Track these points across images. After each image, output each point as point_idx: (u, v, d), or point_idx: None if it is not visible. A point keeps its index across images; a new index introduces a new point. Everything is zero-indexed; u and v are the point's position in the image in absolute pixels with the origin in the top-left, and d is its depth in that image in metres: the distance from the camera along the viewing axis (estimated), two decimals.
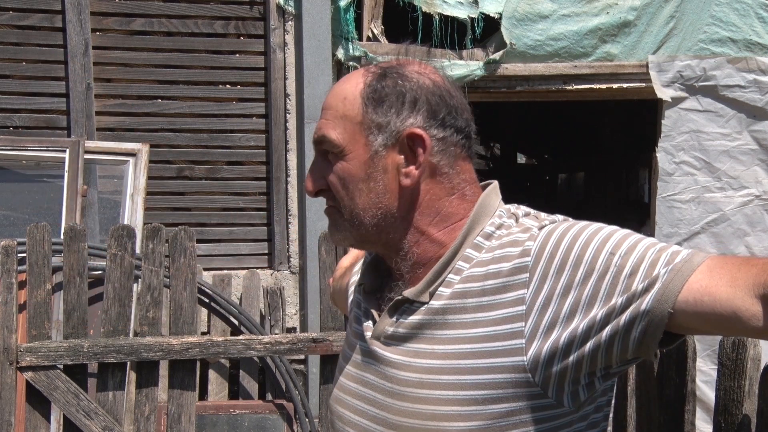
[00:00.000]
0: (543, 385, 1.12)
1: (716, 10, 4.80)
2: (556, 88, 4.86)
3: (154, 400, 3.28)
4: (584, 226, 1.16)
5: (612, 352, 1.10)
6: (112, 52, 4.50)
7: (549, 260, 1.13)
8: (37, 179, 4.41)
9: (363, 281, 1.36)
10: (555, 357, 1.11)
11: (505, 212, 1.27)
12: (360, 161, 1.23)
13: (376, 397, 1.24)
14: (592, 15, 4.76)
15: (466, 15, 4.65)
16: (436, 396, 1.16)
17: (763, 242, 4.79)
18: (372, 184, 1.23)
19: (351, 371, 1.32)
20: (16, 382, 3.19)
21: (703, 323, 1.05)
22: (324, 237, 3.51)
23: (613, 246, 1.11)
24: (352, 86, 1.25)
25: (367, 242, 1.28)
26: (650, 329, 1.06)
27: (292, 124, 4.60)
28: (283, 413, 3.92)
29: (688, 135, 4.80)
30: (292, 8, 4.53)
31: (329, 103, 1.26)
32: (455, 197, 1.26)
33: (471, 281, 1.19)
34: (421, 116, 1.22)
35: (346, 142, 1.23)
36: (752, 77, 4.76)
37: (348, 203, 1.25)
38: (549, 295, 1.12)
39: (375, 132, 1.22)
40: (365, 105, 1.23)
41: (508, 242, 1.20)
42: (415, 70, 1.26)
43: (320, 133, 1.26)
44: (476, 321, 1.17)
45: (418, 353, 1.21)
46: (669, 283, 1.05)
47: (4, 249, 3.20)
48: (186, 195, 4.63)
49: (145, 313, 3.27)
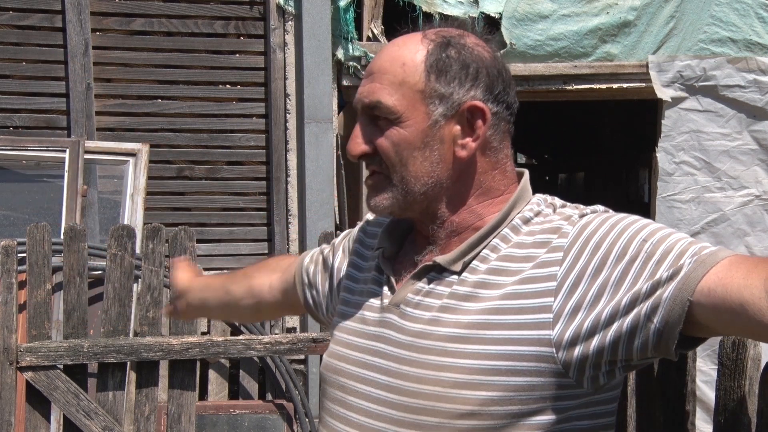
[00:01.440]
0: (565, 364, 1.13)
1: (716, 10, 4.80)
2: (556, 88, 4.86)
3: (154, 400, 3.28)
4: (623, 216, 1.17)
5: (633, 344, 1.10)
6: (112, 52, 4.50)
7: (584, 243, 1.15)
8: (37, 179, 4.41)
9: (382, 245, 1.36)
10: (578, 338, 1.12)
11: (543, 201, 1.29)
12: (417, 129, 1.22)
13: (390, 365, 1.23)
14: (592, 15, 4.76)
15: (466, 14, 4.65)
16: (459, 364, 1.16)
17: (763, 242, 4.79)
18: (428, 153, 1.23)
19: (355, 341, 1.31)
20: (16, 382, 3.19)
21: (717, 318, 1.04)
22: (324, 237, 3.51)
23: (647, 234, 1.12)
24: (411, 52, 1.23)
25: (410, 210, 1.28)
26: (671, 319, 1.06)
27: (292, 124, 4.60)
28: (283, 413, 3.92)
29: (688, 135, 4.80)
30: (292, 8, 4.53)
31: (384, 67, 1.24)
32: (497, 172, 1.28)
33: (509, 260, 1.20)
34: (481, 89, 1.23)
35: (404, 109, 1.22)
36: (752, 77, 4.76)
37: (400, 170, 1.23)
38: (580, 275, 1.13)
39: (436, 102, 1.22)
40: (428, 73, 1.22)
41: (550, 229, 1.21)
42: (473, 42, 1.26)
43: (374, 98, 1.23)
44: (507, 294, 1.17)
45: (440, 321, 1.20)
46: (691, 273, 1.05)
47: (4, 249, 3.20)
48: (186, 195, 4.63)
49: (145, 313, 3.27)
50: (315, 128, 4.49)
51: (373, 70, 1.25)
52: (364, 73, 1.28)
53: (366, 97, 1.24)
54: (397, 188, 1.24)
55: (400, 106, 1.22)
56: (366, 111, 1.25)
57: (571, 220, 1.21)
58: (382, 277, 1.34)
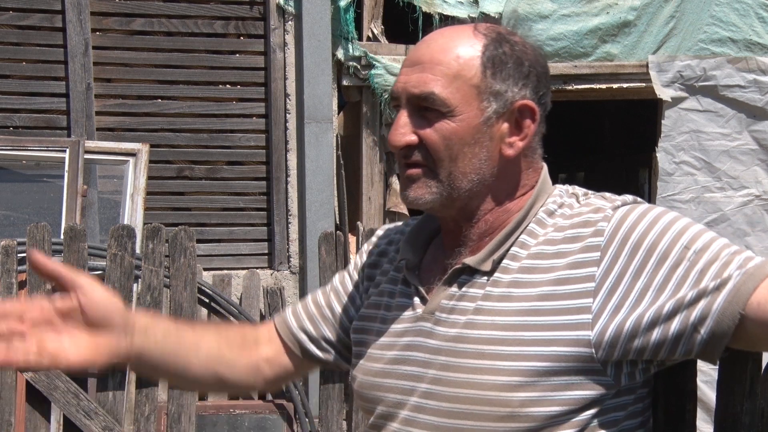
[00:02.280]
0: (603, 362, 1.13)
1: (716, 10, 4.80)
2: (556, 88, 4.86)
3: (154, 400, 3.28)
4: (661, 213, 1.16)
5: (677, 348, 1.10)
6: (112, 52, 4.49)
7: (622, 242, 1.14)
8: (37, 179, 4.41)
9: (405, 256, 1.32)
10: (618, 339, 1.11)
11: (564, 192, 1.27)
12: (469, 125, 1.19)
13: (428, 372, 1.21)
14: (592, 15, 4.76)
15: (466, 15, 4.65)
16: (497, 367, 1.15)
17: (763, 242, 4.79)
18: (477, 150, 1.20)
19: (387, 355, 1.28)
20: (16, 382, 3.19)
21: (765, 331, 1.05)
22: (324, 237, 3.51)
23: (689, 240, 1.11)
24: (466, 45, 1.19)
25: (450, 207, 1.24)
26: (719, 331, 1.06)
27: (292, 124, 4.60)
28: (283, 413, 3.92)
29: (688, 135, 4.80)
30: (292, 8, 4.53)
31: (437, 58, 1.19)
32: (532, 170, 1.27)
33: (540, 258, 1.19)
34: (530, 89, 1.22)
35: (457, 102, 1.18)
36: (752, 77, 4.76)
37: (448, 165, 1.20)
38: (619, 276, 1.13)
39: (490, 98, 1.20)
40: (484, 68, 1.19)
41: (580, 222, 1.19)
42: (521, 41, 1.25)
43: (426, 89, 1.18)
44: (543, 295, 1.16)
45: (476, 324, 1.19)
46: (741, 285, 1.05)
47: (4, 249, 3.20)
48: (186, 195, 4.63)
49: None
50: (315, 128, 4.49)
51: (422, 59, 1.20)
52: (406, 61, 1.23)
53: (415, 87, 1.19)
54: (443, 184, 1.21)
55: (454, 99, 1.18)
56: (412, 101, 1.20)
57: (605, 214, 1.18)
58: (410, 289, 1.30)
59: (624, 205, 1.20)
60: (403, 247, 1.34)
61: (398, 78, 1.23)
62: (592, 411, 1.15)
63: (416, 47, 1.24)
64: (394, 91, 1.23)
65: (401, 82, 1.21)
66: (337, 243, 3.51)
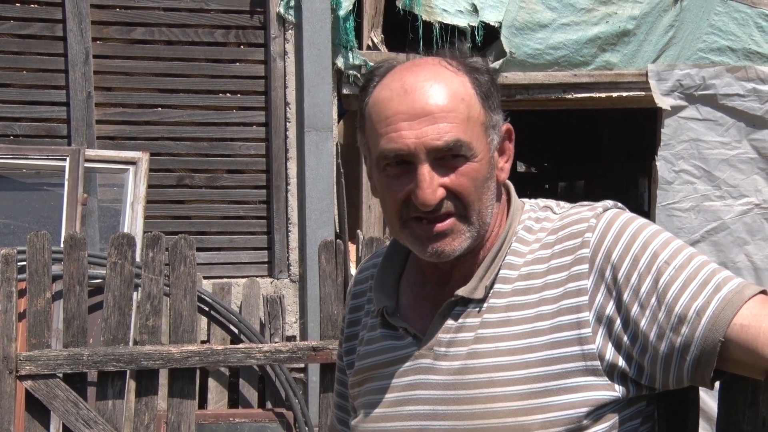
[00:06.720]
0: (609, 373, 1.14)
1: (715, 20, 4.81)
2: (556, 97, 4.87)
3: (153, 409, 3.27)
4: (641, 226, 1.18)
5: (669, 375, 1.12)
6: (112, 61, 4.50)
7: (606, 255, 1.16)
8: (37, 188, 4.41)
9: (385, 303, 1.30)
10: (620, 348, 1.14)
11: (535, 206, 1.29)
12: (485, 161, 1.20)
13: (436, 410, 1.20)
14: (591, 24, 4.77)
15: (466, 23, 4.66)
16: (511, 392, 1.15)
17: (763, 251, 4.79)
18: (490, 182, 1.22)
19: (389, 398, 1.26)
20: (15, 390, 3.18)
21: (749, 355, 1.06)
22: (324, 245, 3.51)
23: (668, 255, 1.13)
24: (458, 84, 1.18)
25: (475, 243, 1.22)
26: (703, 358, 1.09)
27: (292, 132, 4.60)
28: (282, 422, 3.91)
29: (688, 144, 4.80)
30: (293, 17, 4.54)
31: (447, 105, 1.15)
32: (503, 189, 1.30)
33: (532, 278, 1.20)
34: (500, 108, 1.24)
35: (477, 143, 1.18)
36: (751, 86, 4.77)
37: (477, 205, 1.19)
38: (608, 291, 1.15)
39: (491, 131, 1.22)
40: (483, 104, 1.20)
41: (566, 236, 1.21)
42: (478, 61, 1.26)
43: (451, 138, 1.15)
44: (540, 314, 1.17)
45: (479, 353, 1.18)
46: (720, 313, 1.07)
47: (4, 257, 3.20)
48: (186, 203, 4.63)
49: (145, 321, 3.27)
50: (315, 137, 4.50)
51: (426, 110, 1.15)
52: (399, 116, 1.16)
53: (437, 139, 1.14)
54: (474, 225, 1.20)
55: (475, 141, 1.18)
56: (433, 153, 1.15)
57: (589, 224, 1.20)
58: (397, 332, 1.28)
59: (605, 211, 1.22)
60: (377, 297, 1.32)
61: (398, 135, 1.16)
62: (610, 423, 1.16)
63: (402, 101, 1.16)
64: (401, 148, 1.16)
65: (412, 138, 1.15)
66: (337, 251, 3.51)
